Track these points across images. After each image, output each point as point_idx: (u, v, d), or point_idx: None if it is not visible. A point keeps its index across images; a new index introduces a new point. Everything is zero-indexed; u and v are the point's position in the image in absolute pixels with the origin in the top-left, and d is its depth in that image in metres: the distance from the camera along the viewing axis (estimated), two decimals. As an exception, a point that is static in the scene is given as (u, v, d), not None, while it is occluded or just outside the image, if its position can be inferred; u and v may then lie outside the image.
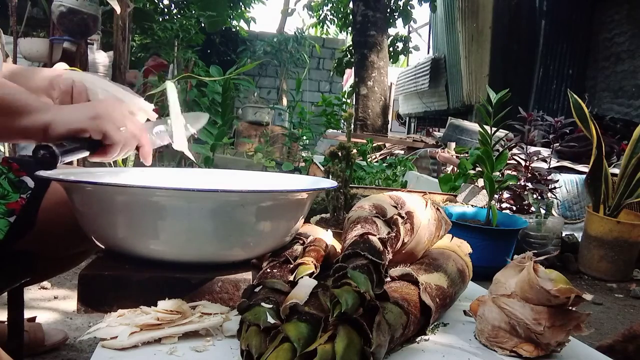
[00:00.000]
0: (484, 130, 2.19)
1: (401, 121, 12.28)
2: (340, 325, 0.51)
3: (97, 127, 0.69)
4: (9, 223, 0.86)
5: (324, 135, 5.29)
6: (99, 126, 0.70)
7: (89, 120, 0.69)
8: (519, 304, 0.64)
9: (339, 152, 0.92)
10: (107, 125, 0.70)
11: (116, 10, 3.24)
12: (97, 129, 0.70)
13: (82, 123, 0.69)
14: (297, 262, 0.69)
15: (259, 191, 0.76)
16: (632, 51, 5.37)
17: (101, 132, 0.70)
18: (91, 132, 0.70)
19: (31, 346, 1.31)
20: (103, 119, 0.70)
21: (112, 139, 0.71)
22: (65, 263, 1.11)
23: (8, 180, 0.89)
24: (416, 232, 0.76)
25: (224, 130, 3.02)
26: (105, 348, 0.58)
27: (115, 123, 0.71)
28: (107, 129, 0.70)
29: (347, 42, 9.61)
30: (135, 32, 6.54)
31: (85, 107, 0.70)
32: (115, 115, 0.72)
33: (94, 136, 0.70)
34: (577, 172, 3.39)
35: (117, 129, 0.71)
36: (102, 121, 0.70)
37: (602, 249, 2.60)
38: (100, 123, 0.70)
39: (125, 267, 0.70)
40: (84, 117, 0.69)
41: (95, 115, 0.69)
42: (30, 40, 3.34)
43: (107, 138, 0.71)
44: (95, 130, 0.70)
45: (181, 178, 1.03)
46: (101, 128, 0.70)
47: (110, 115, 0.71)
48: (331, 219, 0.93)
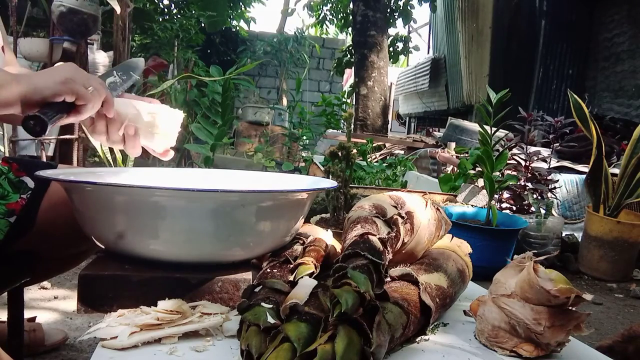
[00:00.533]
0: (484, 130, 2.19)
1: (401, 121, 12.29)
2: (340, 325, 0.51)
3: (68, 90, 0.73)
4: (9, 223, 0.86)
5: (324, 135, 5.29)
6: (70, 89, 0.73)
7: (60, 84, 0.73)
8: (519, 304, 0.64)
9: (339, 152, 0.92)
10: (76, 86, 0.74)
11: (116, 10, 3.24)
12: (69, 91, 0.73)
13: (55, 88, 0.72)
14: (297, 262, 0.69)
15: (259, 191, 0.76)
16: (632, 51, 5.37)
17: (73, 93, 0.74)
18: (65, 95, 0.73)
19: (31, 346, 1.31)
20: (72, 81, 0.74)
21: (84, 98, 0.75)
22: (65, 263, 1.11)
23: (8, 181, 0.89)
24: (416, 232, 0.76)
25: (224, 130, 3.02)
26: (105, 348, 0.58)
27: (83, 84, 0.75)
28: (78, 90, 0.74)
29: (347, 42, 9.61)
30: (135, 32, 6.54)
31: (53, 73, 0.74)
32: (81, 77, 0.76)
33: (67, 99, 0.74)
34: (577, 172, 3.39)
35: (85, 89, 0.75)
36: (72, 83, 0.74)
37: (602, 249, 2.60)
38: (71, 86, 0.73)
39: (125, 267, 0.70)
40: (54, 82, 0.72)
41: (64, 79, 0.73)
42: (30, 40, 3.34)
43: (79, 98, 0.75)
44: (68, 93, 0.73)
45: (181, 178, 1.03)
46: (72, 90, 0.74)
47: (77, 77, 0.75)
48: (331, 219, 0.93)
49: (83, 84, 0.75)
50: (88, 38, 3.23)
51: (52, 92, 0.72)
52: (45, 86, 0.72)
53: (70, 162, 2.86)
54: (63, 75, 0.73)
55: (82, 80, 0.75)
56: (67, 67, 0.76)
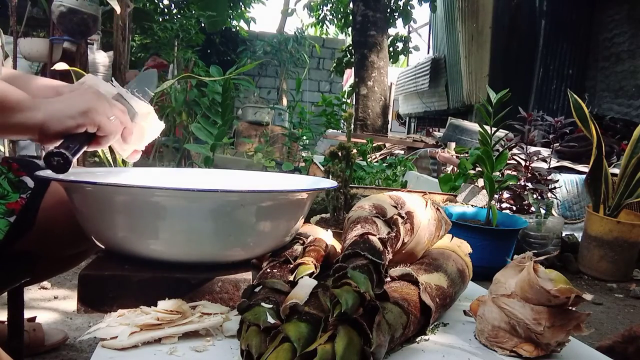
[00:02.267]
0: (484, 130, 2.19)
1: (401, 121, 12.28)
2: (340, 325, 0.51)
3: (91, 121, 0.71)
4: (9, 223, 0.86)
5: (324, 135, 5.29)
6: (92, 120, 0.71)
7: (82, 115, 0.70)
8: (519, 304, 0.64)
9: (339, 152, 0.92)
10: (99, 117, 0.72)
11: (116, 10, 3.24)
12: (91, 122, 0.71)
13: (77, 119, 0.70)
14: (297, 262, 0.69)
15: (259, 191, 0.76)
16: (632, 51, 5.37)
17: (96, 125, 0.72)
18: (87, 127, 0.71)
19: (31, 346, 1.31)
20: (94, 111, 0.72)
21: (106, 130, 0.73)
22: (65, 263, 1.11)
23: (8, 180, 0.89)
24: (416, 232, 0.76)
25: (224, 130, 3.02)
26: (105, 348, 0.58)
27: (106, 113, 0.73)
28: (100, 121, 0.72)
29: (347, 42, 9.61)
30: (135, 32, 6.54)
31: (75, 102, 0.72)
32: (103, 106, 0.73)
33: (89, 130, 0.72)
34: (577, 172, 3.39)
35: (108, 119, 0.73)
36: (94, 114, 0.71)
37: (602, 249, 2.60)
38: (93, 116, 0.71)
39: (125, 267, 0.70)
40: (76, 113, 0.70)
41: (86, 109, 0.71)
42: (30, 40, 3.34)
43: (101, 130, 0.73)
44: (90, 124, 0.71)
45: (181, 178, 1.03)
46: (94, 121, 0.72)
47: (100, 106, 0.73)
48: (331, 219, 0.93)
49: (106, 114, 0.73)
50: (88, 38, 3.23)
51: (75, 123, 0.70)
52: (68, 116, 0.69)
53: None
54: (86, 105, 0.71)
55: (105, 110, 0.73)
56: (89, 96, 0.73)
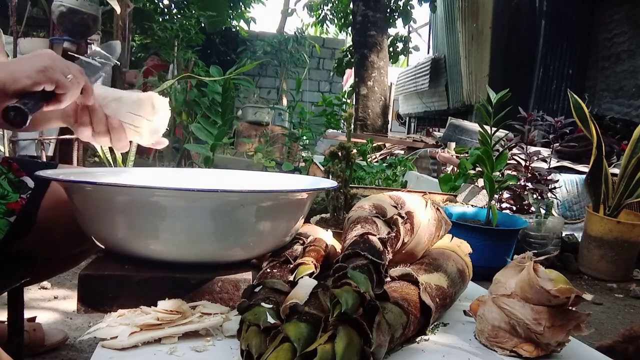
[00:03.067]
0: (484, 130, 2.19)
1: (401, 121, 12.28)
2: (340, 325, 0.51)
3: (47, 78, 0.72)
4: (9, 223, 0.86)
5: (324, 135, 5.29)
6: (49, 77, 0.72)
7: (39, 73, 0.71)
8: (519, 304, 0.64)
9: (339, 152, 0.92)
10: (56, 75, 0.72)
11: (116, 10, 3.24)
12: (48, 80, 0.72)
13: (34, 77, 0.71)
14: (297, 262, 0.69)
15: (259, 191, 0.76)
16: (632, 51, 5.37)
17: (52, 82, 0.72)
18: (44, 84, 0.72)
19: (31, 346, 1.31)
20: (51, 69, 0.72)
21: (63, 87, 0.74)
22: (65, 263, 1.11)
23: (8, 181, 0.89)
24: (416, 232, 0.76)
25: (224, 130, 3.01)
26: (105, 348, 0.58)
27: (63, 71, 0.74)
28: (57, 78, 0.73)
29: (347, 42, 9.61)
30: (135, 32, 6.54)
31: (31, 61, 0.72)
32: (60, 64, 0.74)
33: (47, 88, 0.72)
34: (577, 172, 3.39)
35: (65, 77, 0.74)
36: (51, 72, 0.72)
37: (602, 249, 2.60)
38: (50, 74, 0.72)
39: (125, 267, 0.70)
40: (33, 71, 0.71)
41: (43, 68, 0.71)
42: (30, 40, 3.34)
43: (58, 87, 0.73)
44: (47, 82, 0.72)
45: (181, 178, 1.03)
46: (52, 79, 0.72)
47: (56, 65, 0.73)
48: (331, 219, 0.93)
49: (62, 72, 0.74)
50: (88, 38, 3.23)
51: (32, 81, 0.70)
52: (24, 75, 0.70)
53: (70, 162, 2.85)
54: (41, 64, 0.71)
55: (61, 68, 0.74)
56: (45, 55, 0.74)
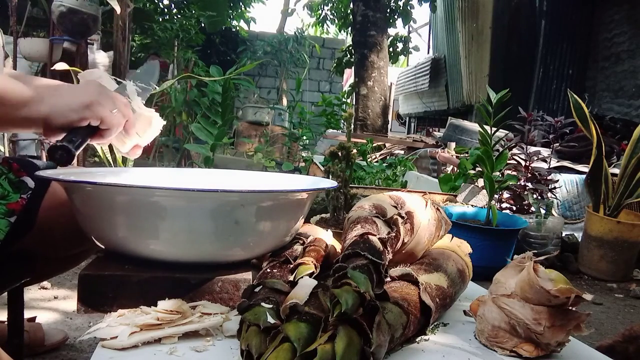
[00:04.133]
0: (484, 130, 2.19)
1: (401, 121, 12.28)
2: (340, 325, 0.51)
3: (94, 114, 0.71)
4: (9, 223, 0.86)
5: (324, 135, 5.29)
6: (95, 113, 0.71)
7: (85, 108, 0.71)
8: (519, 304, 0.64)
9: (339, 152, 0.92)
10: (102, 111, 0.72)
11: (116, 10, 3.24)
12: (94, 116, 0.71)
13: (80, 112, 0.70)
14: (297, 262, 0.69)
15: (259, 191, 0.76)
16: (632, 51, 5.37)
17: (98, 118, 0.72)
18: (90, 120, 0.71)
19: (31, 346, 1.31)
20: (97, 104, 0.72)
21: (109, 123, 0.73)
22: (65, 263, 1.11)
23: (8, 181, 0.89)
24: (416, 232, 0.76)
25: (224, 130, 3.02)
26: (105, 348, 0.58)
27: (108, 107, 0.73)
28: (103, 115, 0.72)
29: (347, 42, 9.61)
30: (135, 32, 6.55)
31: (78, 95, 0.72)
32: (106, 99, 0.73)
33: (92, 123, 0.72)
34: (577, 172, 3.39)
35: (110, 113, 0.73)
36: (97, 107, 0.71)
37: (602, 249, 2.60)
38: (96, 109, 0.71)
39: (125, 267, 0.70)
40: (80, 106, 0.70)
41: (90, 103, 0.71)
42: (30, 40, 3.34)
43: (104, 123, 0.73)
44: (93, 118, 0.71)
45: (181, 178, 1.03)
46: (98, 114, 0.72)
47: (103, 99, 0.73)
48: (331, 219, 0.93)
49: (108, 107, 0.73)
50: (88, 38, 3.23)
51: (78, 117, 0.70)
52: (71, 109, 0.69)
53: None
54: (89, 98, 0.71)
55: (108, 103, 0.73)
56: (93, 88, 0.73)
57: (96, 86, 0.75)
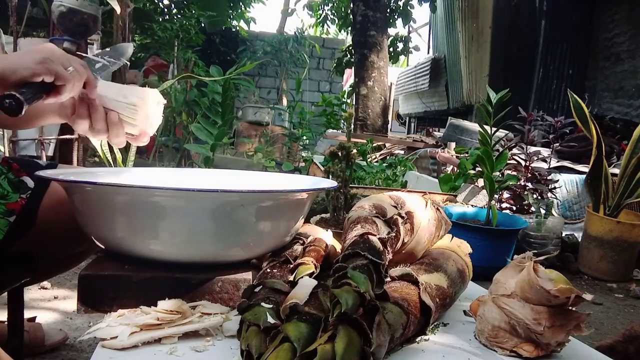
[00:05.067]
0: (484, 130, 2.19)
1: (401, 121, 12.28)
2: (340, 325, 0.51)
3: (46, 70, 0.72)
4: (9, 223, 0.86)
5: (324, 135, 5.30)
6: (48, 69, 0.72)
7: (38, 64, 0.71)
8: (519, 304, 0.64)
9: (339, 152, 0.92)
10: (55, 66, 0.73)
11: (116, 10, 3.24)
12: (47, 71, 0.72)
13: (33, 68, 0.71)
14: (297, 262, 0.69)
15: (259, 191, 0.76)
16: (632, 51, 5.37)
17: (52, 73, 0.73)
18: (43, 75, 0.72)
19: (31, 346, 1.31)
20: (50, 61, 0.72)
21: (63, 78, 0.74)
22: (65, 263, 1.11)
23: (8, 181, 0.89)
24: (416, 232, 0.76)
25: (224, 130, 3.01)
26: (105, 348, 0.58)
27: (63, 64, 0.74)
28: (57, 70, 0.73)
29: (347, 42, 9.61)
30: (135, 32, 6.54)
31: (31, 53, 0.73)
32: (60, 57, 0.74)
33: (46, 79, 0.72)
34: (577, 172, 3.39)
35: (65, 69, 0.74)
36: (50, 63, 0.72)
37: (602, 249, 2.60)
38: (49, 65, 0.72)
39: (125, 267, 0.70)
40: (32, 62, 0.71)
41: (42, 59, 0.72)
42: (30, 40, 3.33)
43: (58, 79, 0.73)
44: (46, 73, 0.72)
45: (181, 178, 1.03)
46: (51, 70, 0.72)
47: (56, 57, 0.74)
48: (331, 219, 0.93)
49: (62, 64, 0.74)
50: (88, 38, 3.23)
51: (31, 72, 0.71)
52: (23, 66, 0.70)
53: (70, 162, 2.85)
54: (41, 55, 0.72)
55: (62, 60, 0.74)
56: (45, 48, 0.75)
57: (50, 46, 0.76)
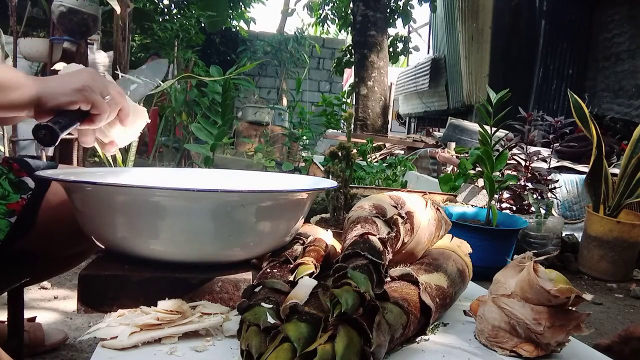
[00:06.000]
0: (484, 130, 2.19)
1: (401, 121, 12.28)
2: (340, 325, 0.51)
3: (85, 98, 0.72)
4: (9, 223, 0.86)
5: (324, 135, 5.30)
6: (86, 97, 0.72)
7: (76, 92, 0.71)
8: (519, 304, 0.64)
9: (339, 152, 0.93)
10: (93, 95, 0.72)
11: (116, 10, 3.24)
12: (85, 100, 0.72)
13: (71, 96, 0.71)
14: (297, 262, 0.69)
15: (259, 191, 0.76)
16: (632, 51, 5.37)
17: (89, 103, 0.72)
18: (80, 104, 0.72)
19: (31, 346, 1.31)
20: (89, 89, 0.72)
21: (100, 108, 0.73)
22: (66, 263, 1.11)
23: (8, 181, 0.89)
24: (416, 232, 0.76)
25: (224, 130, 3.01)
26: (105, 348, 0.58)
27: (101, 92, 0.74)
28: (94, 99, 0.72)
29: (347, 42, 9.61)
30: (135, 32, 6.55)
31: (70, 80, 0.72)
32: (98, 85, 0.74)
33: (83, 108, 0.72)
34: (577, 172, 3.39)
35: (102, 98, 0.74)
36: (88, 92, 0.72)
37: (602, 249, 2.60)
38: (87, 94, 0.72)
39: (125, 267, 0.70)
40: (71, 90, 0.71)
41: (81, 87, 0.71)
42: (30, 40, 3.33)
43: (94, 108, 0.73)
44: (84, 102, 0.72)
45: (181, 178, 1.03)
46: (89, 99, 0.72)
47: (95, 85, 0.73)
48: (331, 219, 0.93)
49: (101, 93, 0.73)
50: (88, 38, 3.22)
51: (68, 100, 0.70)
52: (61, 92, 0.70)
53: (70, 162, 2.85)
54: (80, 83, 0.71)
55: (101, 88, 0.73)
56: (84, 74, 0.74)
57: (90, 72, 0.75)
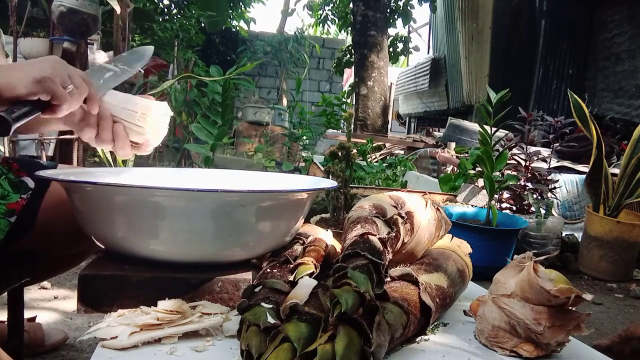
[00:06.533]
0: (484, 130, 2.19)
1: (401, 121, 12.28)
2: (340, 325, 0.51)
3: (43, 89, 0.69)
4: (9, 223, 0.86)
5: (324, 135, 5.30)
6: (45, 88, 0.69)
7: (35, 83, 0.69)
8: (519, 304, 0.64)
9: (339, 152, 0.93)
10: (53, 86, 0.70)
11: (116, 10, 3.24)
12: (44, 91, 0.70)
13: (29, 87, 0.69)
14: (297, 262, 0.69)
15: (259, 191, 0.76)
16: (632, 51, 5.37)
17: (49, 93, 0.70)
18: (39, 95, 0.69)
19: (31, 346, 1.31)
20: (49, 80, 0.70)
21: (60, 99, 0.71)
22: (65, 263, 1.11)
23: (8, 181, 0.89)
24: (416, 232, 0.76)
25: (224, 130, 3.02)
26: (105, 348, 0.58)
27: (62, 82, 0.71)
28: (55, 90, 0.70)
29: (347, 42, 9.61)
30: (135, 32, 6.54)
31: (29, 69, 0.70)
32: (60, 74, 0.72)
33: (42, 98, 0.70)
34: (577, 172, 3.39)
35: (63, 89, 0.72)
36: (48, 83, 0.70)
37: (602, 249, 2.60)
38: (47, 85, 0.69)
39: (125, 267, 0.70)
40: (29, 81, 0.69)
41: (40, 78, 0.69)
42: (30, 40, 3.33)
43: (54, 98, 0.71)
44: (42, 93, 0.70)
45: (181, 178, 1.03)
46: (48, 90, 0.70)
47: (56, 74, 0.71)
48: (331, 219, 0.93)
49: (62, 82, 0.71)
50: (88, 38, 3.22)
51: (27, 90, 0.68)
52: (20, 84, 0.68)
53: (70, 162, 2.85)
54: (40, 73, 0.69)
55: (62, 77, 0.71)
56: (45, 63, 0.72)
57: (51, 61, 0.73)
